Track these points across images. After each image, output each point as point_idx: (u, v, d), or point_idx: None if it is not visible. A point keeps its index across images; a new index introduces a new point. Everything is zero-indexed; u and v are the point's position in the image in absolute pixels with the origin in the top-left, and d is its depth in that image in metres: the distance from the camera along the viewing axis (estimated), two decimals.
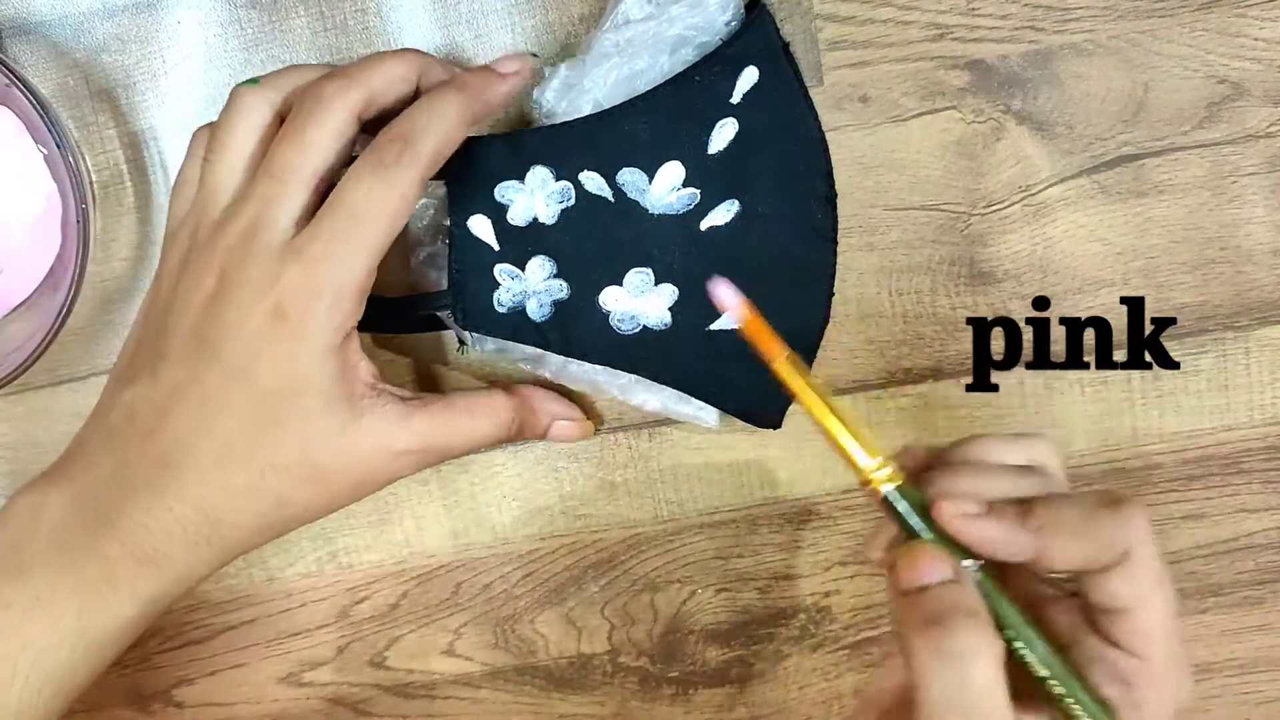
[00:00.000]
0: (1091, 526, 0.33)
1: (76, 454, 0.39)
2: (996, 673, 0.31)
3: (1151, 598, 0.33)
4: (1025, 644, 0.33)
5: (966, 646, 0.31)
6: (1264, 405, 0.47)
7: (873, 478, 0.34)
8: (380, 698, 0.50)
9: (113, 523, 0.38)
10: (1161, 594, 0.33)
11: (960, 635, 0.31)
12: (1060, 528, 0.33)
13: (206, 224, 0.39)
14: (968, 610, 0.32)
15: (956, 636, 0.31)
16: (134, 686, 0.50)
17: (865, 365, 0.46)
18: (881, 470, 0.34)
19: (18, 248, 0.45)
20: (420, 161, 0.38)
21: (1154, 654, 0.33)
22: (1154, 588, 0.33)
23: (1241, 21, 0.44)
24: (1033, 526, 0.33)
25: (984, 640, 0.32)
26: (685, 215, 0.43)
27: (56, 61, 0.45)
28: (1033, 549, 0.33)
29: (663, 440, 0.47)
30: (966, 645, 0.31)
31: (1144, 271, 0.46)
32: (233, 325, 0.37)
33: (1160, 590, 0.33)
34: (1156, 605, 0.33)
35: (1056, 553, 0.33)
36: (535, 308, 0.43)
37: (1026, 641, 0.33)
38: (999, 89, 0.44)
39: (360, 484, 0.40)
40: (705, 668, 0.50)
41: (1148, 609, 0.33)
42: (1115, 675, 0.34)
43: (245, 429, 0.38)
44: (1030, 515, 0.33)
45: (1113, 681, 0.34)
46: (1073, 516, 0.33)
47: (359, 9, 0.44)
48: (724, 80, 0.42)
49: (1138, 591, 0.33)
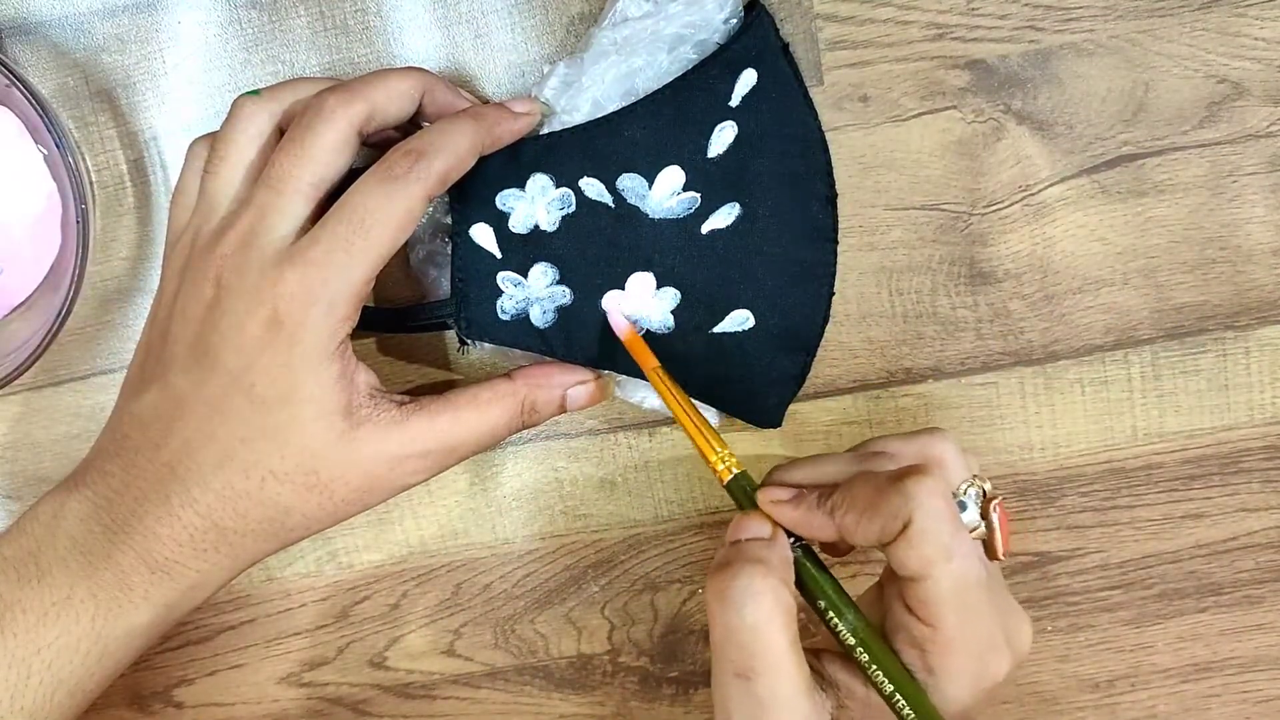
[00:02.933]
0: (877, 502, 0.35)
1: (93, 462, 0.40)
2: (776, 616, 0.35)
3: (935, 566, 0.34)
4: (835, 613, 0.37)
5: (746, 587, 0.35)
6: (1264, 405, 0.47)
7: (719, 468, 0.39)
8: (380, 698, 0.50)
9: (126, 531, 0.38)
10: (951, 564, 0.34)
11: (742, 577, 0.35)
12: (851, 506, 0.36)
13: (206, 233, 0.39)
14: (755, 558, 0.36)
15: (738, 578, 0.35)
16: (134, 686, 0.50)
17: (865, 365, 0.46)
18: (726, 463, 0.39)
19: (18, 248, 0.45)
20: (429, 178, 0.38)
21: (943, 621, 0.35)
22: (938, 557, 0.34)
23: (1241, 21, 0.44)
24: (828, 508, 0.37)
25: (766, 584, 0.35)
26: (686, 219, 0.43)
27: (57, 62, 0.45)
28: (832, 527, 0.37)
29: (663, 440, 0.47)
30: (746, 586, 0.35)
31: (1144, 271, 0.46)
32: (231, 333, 0.38)
33: (948, 560, 0.34)
34: (944, 573, 0.35)
35: (851, 528, 0.36)
36: (539, 314, 0.43)
37: (836, 612, 0.37)
38: (999, 89, 0.44)
39: (365, 492, 0.39)
40: (705, 668, 0.50)
41: (933, 579, 0.35)
42: (911, 641, 0.36)
43: (245, 436, 0.38)
44: (826, 498, 0.37)
45: (909, 646, 0.36)
46: (863, 495, 0.36)
47: (359, 9, 0.44)
48: (722, 83, 0.42)
49: (920, 559, 0.34)
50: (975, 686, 0.36)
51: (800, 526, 0.37)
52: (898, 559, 0.35)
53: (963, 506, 0.37)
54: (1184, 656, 0.49)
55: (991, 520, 0.37)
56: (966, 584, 0.35)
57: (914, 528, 0.34)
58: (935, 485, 0.35)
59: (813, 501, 0.37)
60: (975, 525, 0.37)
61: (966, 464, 0.38)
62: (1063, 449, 0.47)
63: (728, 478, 0.39)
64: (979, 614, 0.35)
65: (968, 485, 0.38)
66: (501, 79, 0.45)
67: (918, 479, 0.35)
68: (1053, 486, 0.48)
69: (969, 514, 0.37)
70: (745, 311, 0.43)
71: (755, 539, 0.37)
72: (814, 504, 0.37)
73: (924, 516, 0.34)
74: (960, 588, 0.35)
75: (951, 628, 0.35)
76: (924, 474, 0.35)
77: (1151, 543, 0.48)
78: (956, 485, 0.37)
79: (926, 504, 0.34)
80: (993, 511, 0.37)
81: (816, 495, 0.37)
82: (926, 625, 0.35)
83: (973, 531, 0.37)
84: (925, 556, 0.34)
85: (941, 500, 0.35)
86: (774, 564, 0.36)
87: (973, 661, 0.36)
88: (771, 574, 0.35)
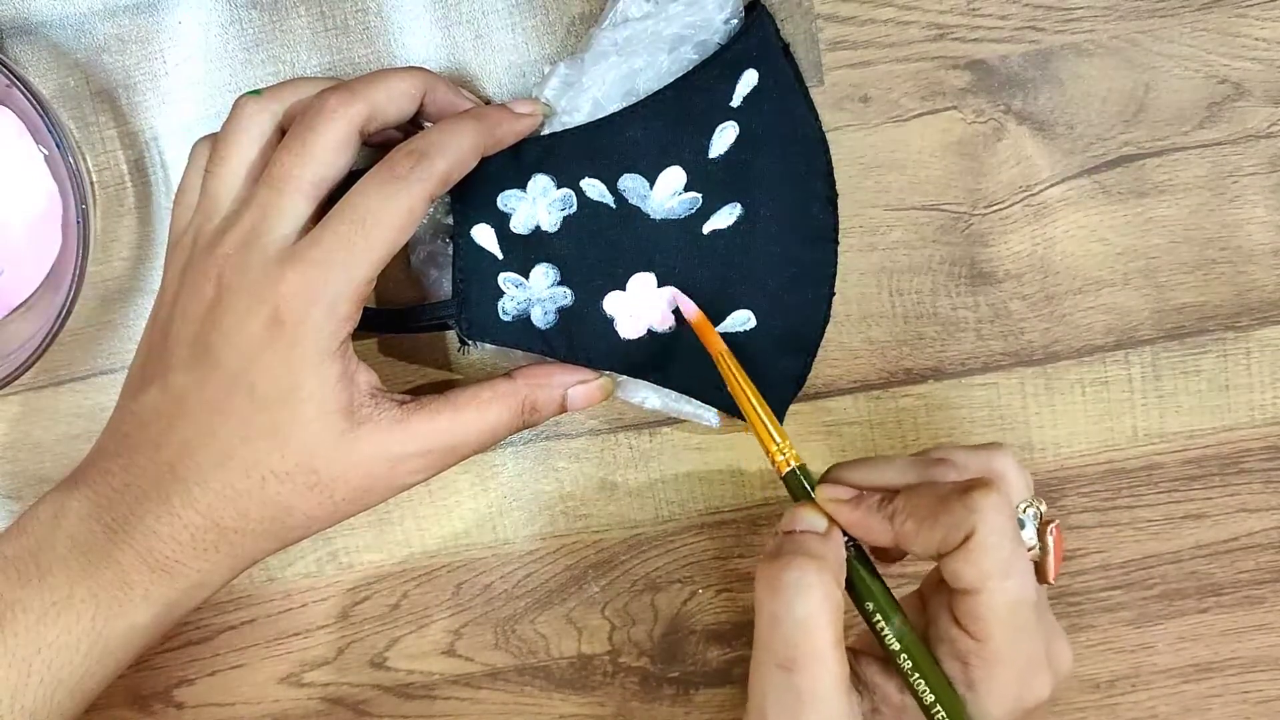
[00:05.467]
0: (940, 511, 0.35)
1: (94, 461, 0.40)
2: (823, 612, 0.35)
3: (993, 581, 0.34)
4: (882, 617, 0.37)
5: (797, 580, 0.35)
6: (1264, 405, 0.47)
7: (778, 459, 0.39)
8: (380, 698, 0.50)
9: (127, 530, 0.38)
10: (1007, 581, 0.34)
11: (794, 569, 0.35)
12: (913, 514, 0.36)
13: (207, 232, 0.39)
14: (810, 552, 0.36)
15: (790, 570, 0.35)
16: (134, 686, 0.50)
17: (866, 365, 0.46)
18: (785, 454, 0.39)
19: (18, 248, 0.45)
20: (432, 178, 0.38)
21: (991, 638, 0.35)
22: (996, 572, 0.34)
23: (1242, 21, 0.44)
24: (888, 513, 0.36)
25: (819, 579, 0.35)
26: (687, 220, 0.43)
27: (57, 62, 0.45)
28: (890, 533, 0.36)
29: (663, 440, 0.47)
30: (798, 579, 0.35)
31: (1144, 272, 0.46)
32: (231, 332, 0.38)
33: (1005, 577, 0.34)
34: (998, 590, 0.34)
35: (910, 536, 0.36)
36: (540, 315, 0.43)
37: (883, 615, 0.37)
38: (1000, 89, 0.44)
39: (364, 492, 0.39)
40: (706, 668, 0.50)
41: (988, 592, 0.34)
42: (955, 653, 0.36)
43: (245, 435, 0.38)
44: (887, 502, 0.37)
45: (952, 658, 0.36)
46: (925, 503, 0.35)
47: (359, 9, 0.44)
48: (723, 84, 0.42)
49: (978, 573, 0.34)
50: (1016, 706, 0.35)
51: (857, 528, 0.37)
52: (954, 571, 0.35)
53: (1020, 525, 0.37)
54: (1185, 657, 0.49)
55: (1047, 543, 0.37)
56: (1020, 603, 0.35)
57: (975, 541, 0.34)
58: (1000, 501, 0.34)
59: (873, 504, 0.37)
60: (1031, 545, 0.37)
61: (1026, 482, 0.38)
62: (1063, 449, 0.47)
63: (785, 470, 0.39)
64: (1027, 633, 0.35)
65: (1027, 505, 0.37)
66: (502, 80, 0.45)
67: (984, 492, 0.34)
68: (1053, 487, 0.48)
69: (1026, 533, 0.37)
70: (746, 312, 0.43)
71: (810, 532, 0.37)
72: (874, 507, 0.37)
73: (987, 531, 0.34)
74: (1014, 606, 0.34)
75: (999, 644, 0.35)
76: (990, 488, 0.35)
77: (1152, 543, 0.48)
78: (1016, 503, 0.37)
79: (990, 519, 0.34)
80: (1049, 534, 0.37)
81: (877, 499, 0.37)
82: (974, 639, 0.35)
83: (1028, 551, 0.37)
84: (983, 571, 0.34)
85: (1005, 517, 0.34)
86: (828, 560, 0.36)
87: (1016, 680, 0.35)
88: (825, 570, 0.35)
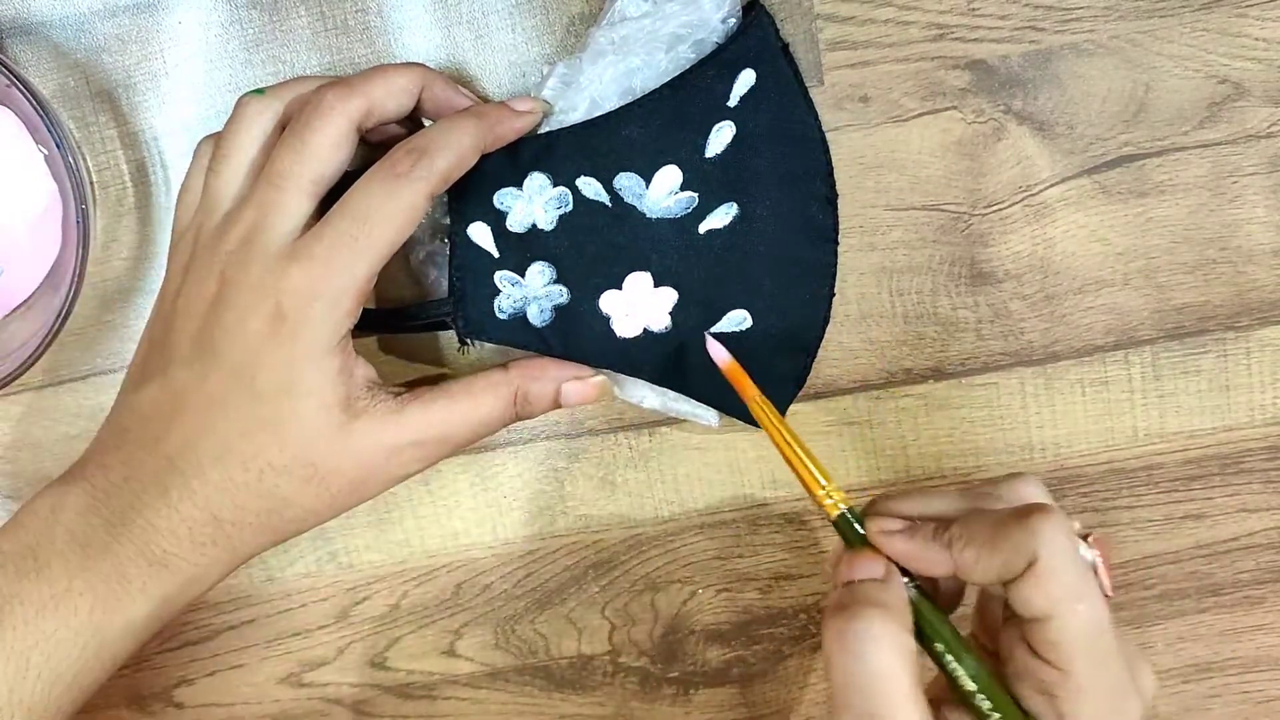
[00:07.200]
0: (999, 537, 0.34)
1: (92, 456, 0.40)
2: (897, 662, 0.33)
3: (1065, 606, 0.33)
4: (954, 657, 0.35)
5: (865, 631, 0.34)
6: (1264, 405, 0.47)
7: (825, 502, 0.38)
8: (380, 698, 0.50)
9: (125, 524, 0.38)
10: (1079, 605, 0.33)
11: (861, 620, 0.34)
12: (971, 540, 0.35)
13: (209, 230, 0.40)
14: (874, 601, 0.34)
15: (857, 621, 0.34)
16: (134, 686, 0.50)
17: (866, 365, 0.46)
18: (833, 498, 0.38)
19: (18, 248, 0.45)
20: (433, 176, 0.38)
21: (1074, 665, 0.34)
22: (1067, 596, 0.33)
23: (1242, 21, 0.44)
24: (945, 541, 0.35)
25: (886, 629, 0.34)
26: (683, 219, 0.43)
27: (57, 62, 0.45)
28: (949, 562, 0.35)
29: (663, 440, 0.47)
30: (865, 630, 0.34)
31: (1144, 272, 0.46)
32: (233, 328, 0.38)
33: (1077, 601, 0.33)
34: (1073, 614, 0.33)
35: (970, 564, 0.35)
36: (536, 313, 0.43)
37: (955, 655, 0.35)
38: (1000, 89, 0.44)
39: (360, 484, 0.40)
40: (706, 668, 0.50)
41: (1062, 617, 0.33)
42: (1039, 687, 0.34)
43: (244, 429, 0.38)
44: (943, 530, 0.35)
45: (1037, 693, 0.34)
46: (983, 530, 0.35)
47: (359, 9, 0.44)
48: (720, 83, 0.42)
49: (1048, 598, 0.33)
50: None
51: (913, 560, 0.36)
52: (1022, 598, 0.34)
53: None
54: (1185, 657, 0.49)
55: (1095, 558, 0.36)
56: (1098, 627, 0.34)
57: (1041, 566, 0.33)
58: (1061, 523, 0.34)
59: (928, 533, 0.36)
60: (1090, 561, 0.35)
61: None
62: (1063, 449, 0.47)
63: (835, 513, 0.38)
64: (1111, 658, 0.34)
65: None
66: (502, 79, 0.45)
67: (1043, 516, 0.34)
68: (1053, 487, 0.47)
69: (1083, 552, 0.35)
70: (743, 312, 0.43)
71: (869, 579, 0.36)
72: (929, 535, 0.36)
73: (1051, 555, 0.33)
74: (1092, 631, 0.34)
75: (1083, 673, 0.33)
76: (1049, 511, 0.34)
77: (1152, 543, 0.48)
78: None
79: (1053, 542, 0.33)
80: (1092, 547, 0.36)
81: (932, 527, 0.36)
82: (1056, 670, 0.34)
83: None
84: (1053, 596, 0.33)
85: (1067, 539, 0.34)
86: (893, 607, 0.35)
87: (1106, 708, 0.34)
88: (891, 618, 0.34)
